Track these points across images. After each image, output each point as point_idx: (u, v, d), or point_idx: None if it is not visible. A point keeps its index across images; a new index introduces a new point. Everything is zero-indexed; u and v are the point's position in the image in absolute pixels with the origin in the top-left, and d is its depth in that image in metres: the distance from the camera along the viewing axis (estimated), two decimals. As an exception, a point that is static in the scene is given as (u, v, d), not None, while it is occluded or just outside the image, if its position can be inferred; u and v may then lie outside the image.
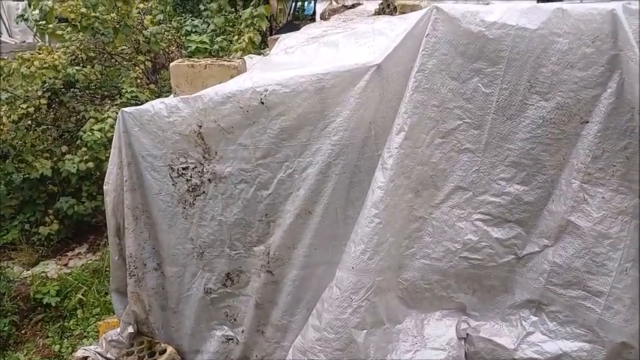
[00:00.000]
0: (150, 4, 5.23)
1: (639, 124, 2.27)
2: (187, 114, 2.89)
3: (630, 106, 2.30)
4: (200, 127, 2.87)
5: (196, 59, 3.34)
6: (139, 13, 5.21)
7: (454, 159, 2.65)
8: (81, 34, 4.88)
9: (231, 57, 4.87)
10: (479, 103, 2.55)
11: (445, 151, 2.64)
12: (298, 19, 12.34)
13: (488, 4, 4.01)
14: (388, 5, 4.42)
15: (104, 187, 3.18)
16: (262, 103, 2.72)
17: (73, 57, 4.97)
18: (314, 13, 8.95)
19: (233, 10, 7.49)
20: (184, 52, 5.41)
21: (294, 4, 16.13)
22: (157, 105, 2.98)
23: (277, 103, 2.70)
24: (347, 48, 2.77)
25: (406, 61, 2.55)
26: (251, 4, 5.17)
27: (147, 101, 4.98)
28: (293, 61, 2.96)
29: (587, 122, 2.40)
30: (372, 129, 2.68)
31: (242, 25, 4.92)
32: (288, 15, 16.19)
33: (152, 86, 5.11)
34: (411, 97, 2.53)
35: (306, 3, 14.28)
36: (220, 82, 3.11)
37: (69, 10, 4.68)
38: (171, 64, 3.28)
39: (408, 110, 2.53)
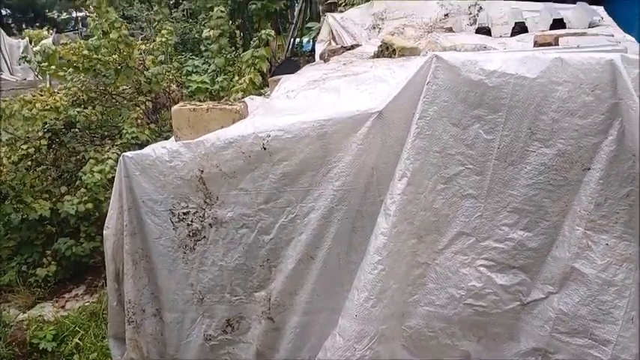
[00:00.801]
0: (151, 46, 5.31)
1: (641, 171, 2.28)
2: (189, 159, 2.90)
3: (631, 154, 2.31)
4: (202, 171, 2.88)
5: (198, 103, 3.36)
6: (140, 54, 5.27)
7: (457, 204, 2.64)
8: (82, 75, 4.93)
9: (231, 97, 4.93)
10: (480, 149, 2.56)
11: (448, 197, 2.64)
12: (297, 55, 12.56)
13: (485, 47, 4.09)
14: (387, 48, 4.48)
15: (104, 232, 3.17)
16: (264, 148, 2.73)
17: (75, 98, 5.02)
18: (312, 49, 9.11)
19: (233, 48, 7.63)
20: (185, 91, 5.46)
21: (292, 40, 16.45)
22: (158, 150, 2.99)
23: (279, 148, 2.71)
24: (348, 94, 2.80)
25: (407, 107, 2.57)
26: (252, 45, 5.24)
27: (147, 141, 5.06)
28: (295, 106, 2.98)
29: (589, 169, 2.41)
30: (375, 174, 2.68)
31: (243, 66, 4.98)
32: (287, 51, 16.49)
33: (152, 126, 5.14)
34: (413, 144, 2.54)
35: (304, 39, 14.57)
36: (222, 126, 3.13)
37: (71, 52, 4.74)
38: (173, 108, 3.31)
39: (410, 156, 2.54)
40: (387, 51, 4.48)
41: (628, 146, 2.31)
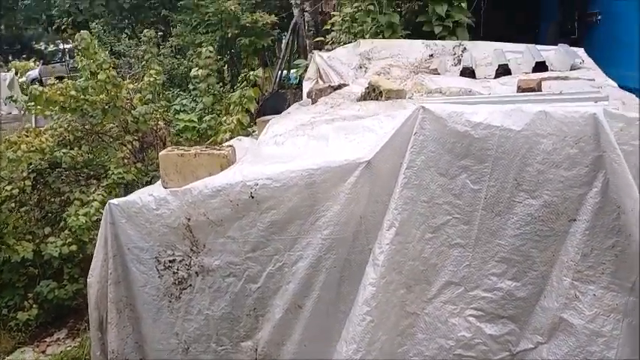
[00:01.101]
0: (139, 85, 5.33)
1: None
2: (176, 207, 2.88)
3: (616, 206, 2.34)
4: (189, 219, 2.86)
5: (186, 148, 3.36)
6: (128, 92, 5.28)
7: (445, 254, 2.64)
8: (69, 115, 4.92)
9: (219, 138, 4.94)
10: (468, 199, 2.57)
11: (436, 246, 2.64)
12: (284, 87, 12.66)
13: (470, 91, 4.15)
14: (374, 89, 4.54)
15: (88, 280, 3.12)
16: (252, 197, 2.72)
17: (61, 138, 4.99)
18: (299, 82, 9.16)
19: (221, 84, 7.69)
20: (173, 130, 5.47)
21: (280, 72, 16.57)
22: (145, 197, 2.97)
23: (268, 197, 2.71)
24: (336, 142, 2.82)
25: (395, 157, 2.59)
26: (239, 82, 5.28)
27: (133, 181, 5.04)
28: (283, 153, 2.99)
29: (575, 220, 2.43)
30: (363, 224, 2.68)
31: (231, 106, 5.01)
32: (275, 84, 16.61)
33: (139, 165, 5.12)
34: (401, 194, 2.56)
35: (292, 72, 14.70)
36: (209, 171, 3.13)
37: (58, 92, 4.74)
38: (160, 154, 3.30)
39: (398, 206, 2.55)
40: (373, 93, 4.52)
41: (612, 198, 2.34)
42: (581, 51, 5.36)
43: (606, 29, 7.65)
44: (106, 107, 4.87)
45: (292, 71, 14.05)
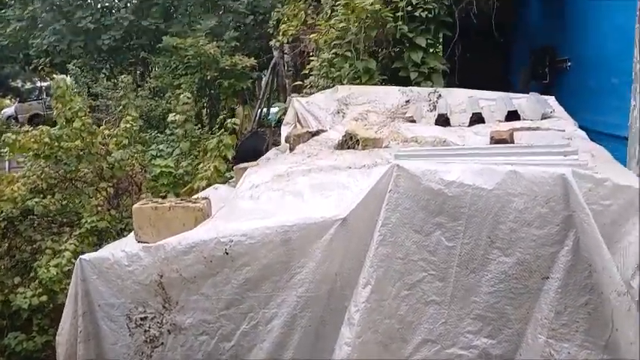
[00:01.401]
0: (115, 131, 5.30)
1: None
2: (148, 263, 2.84)
3: (587, 264, 2.37)
4: (161, 276, 2.81)
5: (160, 200, 3.33)
6: (103, 138, 5.25)
7: (421, 311, 2.63)
8: (43, 161, 4.86)
9: (195, 185, 4.92)
10: (442, 256, 2.58)
11: (412, 303, 2.62)
12: (263, 126, 12.73)
13: (445, 141, 4.22)
14: (351, 138, 4.59)
15: (57, 338, 3.03)
16: (227, 253, 2.70)
17: (34, 186, 4.91)
18: (279, 121, 9.22)
19: (199, 126, 7.70)
20: (148, 175, 5.43)
21: (259, 111, 16.73)
22: (117, 253, 2.92)
23: (242, 253, 2.68)
24: (313, 199, 2.82)
25: (370, 215, 2.60)
26: (218, 133, 5.29)
27: (107, 229, 4.96)
28: (259, 207, 2.98)
29: (548, 278, 2.45)
30: (338, 281, 2.66)
31: (208, 154, 5.01)
32: (254, 122, 16.73)
33: (113, 212, 5.04)
34: (377, 251, 2.55)
35: (272, 110, 14.83)
36: (184, 224, 3.10)
37: (32, 140, 4.69)
38: (134, 207, 3.26)
39: (373, 264, 2.55)
40: (350, 141, 4.58)
41: (584, 256, 2.37)
42: (551, 99, 5.52)
43: (576, 75, 7.91)
44: (81, 154, 4.82)
45: (272, 110, 14.21)
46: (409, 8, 7.01)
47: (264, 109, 15.54)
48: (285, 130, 6.24)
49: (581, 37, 7.62)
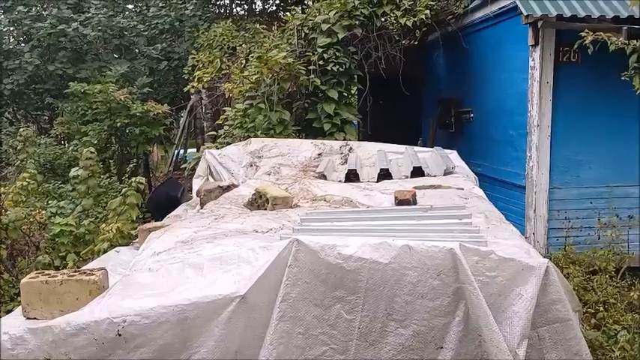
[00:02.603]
0: (11, 189, 4.97)
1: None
2: (35, 346, 2.63)
3: (477, 333, 2.46)
4: (48, 360, 2.61)
5: (52, 273, 3.12)
6: (-3, 196, 4.92)
7: (323, 385, 2.61)
8: None
9: (97, 247, 4.68)
10: (342, 329, 2.60)
11: (313, 378, 2.60)
12: (179, 169, 12.45)
13: (351, 200, 4.31)
14: (260, 196, 4.60)
15: None
16: (120, 334, 2.56)
17: None
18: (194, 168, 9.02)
19: (107, 176, 7.40)
20: (46, 235, 5.11)
21: (177, 152, 16.35)
22: (-1, 336, 2.69)
23: (136, 334, 2.56)
24: (212, 273, 2.76)
25: (270, 290, 2.58)
26: (123, 192, 5.09)
27: (-1, 295, 4.58)
28: (156, 282, 2.87)
29: (442, 348, 2.53)
30: (239, 358, 2.59)
31: (110, 215, 4.80)
32: (170, 164, 16.27)
33: (6, 276, 4.68)
34: (276, 327, 2.53)
35: (188, 151, 14.57)
36: (77, 299, 2.93)
37: None
38: (22, 281, 3.04)
39: (273, 341, 2.52)
40: (260, 199, 4.58)
41: (473, 326, 2.47)
42: (454, 154, 5.83)
43: (479, 125, 8.43)
44: (-30, 216, 4.48)
45: (189, 151, 13.96)
46: (321, 62, 7.24)
47: (181, 151, 15.26)
48: (196, 184, 6.14)
49: (483, 90, 8.18)
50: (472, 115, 8.67)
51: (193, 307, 2.55)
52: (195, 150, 10.69)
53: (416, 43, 8.94)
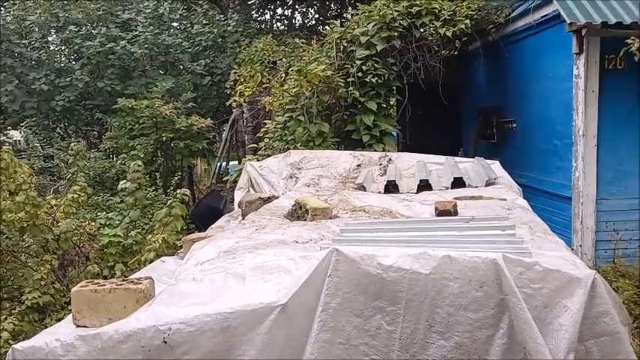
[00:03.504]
0: (62, 201, 5.19)
1: None
2: (84, 353, 2.73)
3: (522, 346, 2.41)
4: (98, 366, 2.70)
5: (101, 282, 3.24)
6: (50, 207, 5.14)
7: (364, 396, 2.61)
8: (-15, 235, 4.70)
9: (143, 257, 4.81)
10: (383, 339, 2.59)
11: (355, 389, 2.60)
12: (222, 181, 12.68)
13: (391, 211, 4.30)
14: (300, 207, 4.65)
15: None
16: (165, 342, 2.63)
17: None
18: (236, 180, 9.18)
19: (153, 188, 7.62)
20: (95, 245, 5.30)
21: (219, 165, 16.71)
22: (51, 343, 2.80)
23: (181, 342, 2.62)
24: (253, 282, 2.80)
25: (310, 300, 2.60)
26: (169, 202, 5.24)
27: (50, 303, 4.77)
28: (200, 291, 2.93)
29: (486, 361, 2.48)
30: (280, 368, 2.62)
31: (156, 226, 4.95)
32: (213, 177, 16.64)
33: (57, 285, 4.87)
34: (317, 337, 2.55)
35: (230, 164, 14.81)
36: (125, 307, 3.02)
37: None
38: (72, 290, 3.16)
39: (314, 351, 2.53)
40: (300, 210, 4.63)
41: (518, 339, 2.42)
42: (496, 164, 5.73)
43: (521, 136, 8.28)
44: (25, 226, 4.69)
45: (231, 164, 14.20)
46: (360, 74, 7.28)
47: (223, 164, 15.56)
48: (238, 195, 6.25)
49: (525, 99, 8.04)
50: (514, 125, 8.52)
51: (236, 315, 2.60)
52: (236, 163, 10.89)
53: (456, 53, 8.86)
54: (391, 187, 5.33)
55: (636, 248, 6.04)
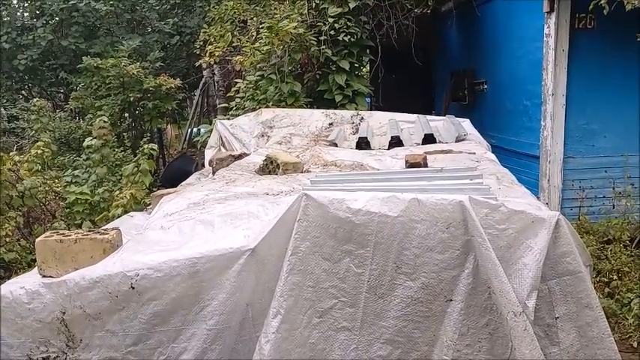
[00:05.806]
0: (26, 157, 5.04)
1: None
2: (50, 300, 2.69)
3: (487, 286, 2.47)
4: (64, 313, 2.67)
5: (66, 232, 3.18)
6: (14, 164, 4.98)
7: (332, 338, 2.64)
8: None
9: (111, 213, 4.74)
10: (352, 282, 2.62)
11: (323, 331, 2.63)
12: (194, 146, 12.53)
13: (362, 165, 4.31)
14: (271, 162, 4.61)
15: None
16: (133, 287, 2.61)
17: None
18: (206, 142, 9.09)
19: (121, 149, 7.48)
20: (62, 203, 5.19)
21: (190, 130, 16.46)
22: (16, 290, 2.75)
23: (149, 287, 2.60)
24: (222, 229, 2.79)
25: (280, 244, 2.61)
26: (136, 158, 5.13)
27: (16, 260, 4.68)
28: (168, 239, 2.91)
29: (451, 300, 2.54)
30: (250, 311, 2.64)
31: (124, 181, 4.85)
32: (184, 142, 16.39)
33: (23, 242, 4.77)
34: (287, 280, 2.55)
35: (202, 129, 14.60)
36: (92, 256, 2.97)
37: None
38: (37, 240, 3.09)
39: (283, 293, 2.54)
40: (271, 165, 4.60)
41: (483, 279, 2.47)
42: (466, 122, 5.77)
43: (492, 97, 8.33)
44: (-14, 183, 4.55)
45: (202, 128, 14.00)
46: (332, 32, 7.17)
47: (195, 129, 15.34)
48: (208, 154, 6.17)
49: (497, 60, 8.06)
50: (486, 87, 8.56)
51: (205, 260, 2.59)
52: (208, 126, 10.71)
53: (429, 12, 8.79)
54: (363, 144, 5.32)
55: (601, 205, 6.20)
